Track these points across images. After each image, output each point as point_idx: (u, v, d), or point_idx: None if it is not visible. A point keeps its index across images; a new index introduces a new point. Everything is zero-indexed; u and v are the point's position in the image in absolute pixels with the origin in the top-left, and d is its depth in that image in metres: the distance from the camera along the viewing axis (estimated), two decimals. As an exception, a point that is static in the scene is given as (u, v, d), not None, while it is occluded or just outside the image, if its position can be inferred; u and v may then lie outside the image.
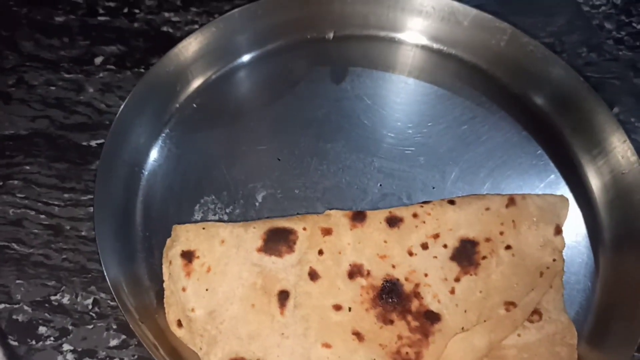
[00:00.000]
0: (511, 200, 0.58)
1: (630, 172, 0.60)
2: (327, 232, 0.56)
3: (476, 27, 0.68)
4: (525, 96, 0.68)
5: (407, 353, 0.50)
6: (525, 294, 0.53)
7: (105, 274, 0.53)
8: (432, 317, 0.52)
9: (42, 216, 0.61)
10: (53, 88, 0.70)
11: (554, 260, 0.55)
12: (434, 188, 0.63)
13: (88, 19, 0.75)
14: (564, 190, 0.63)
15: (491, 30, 0.68)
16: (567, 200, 0.59)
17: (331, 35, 0.71)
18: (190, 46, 0.66)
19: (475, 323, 0.52)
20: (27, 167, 0.64)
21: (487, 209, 0.57)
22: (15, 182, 0.63)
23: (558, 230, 0.57)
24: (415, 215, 0.56)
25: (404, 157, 0.64)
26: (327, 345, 0.51)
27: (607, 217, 0.61)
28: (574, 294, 0.57)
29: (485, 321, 0.52)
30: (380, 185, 0.63)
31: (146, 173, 0.62)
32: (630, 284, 0.56)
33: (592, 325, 0.56)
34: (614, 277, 0.58)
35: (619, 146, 0.61)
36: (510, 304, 0.53)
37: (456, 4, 0.68)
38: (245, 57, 0.70)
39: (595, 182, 0.63)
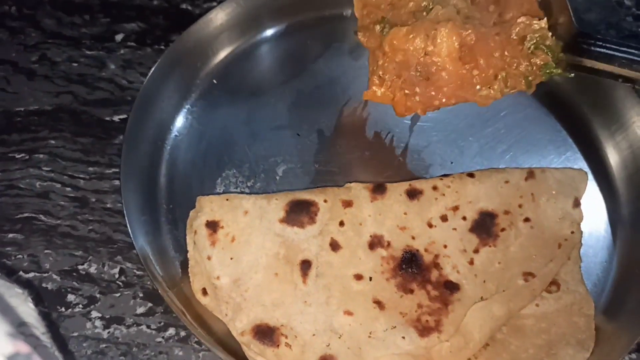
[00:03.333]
0: (530, 174, 0.58)
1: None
2: (347, 204, 0.57)
3: (495, 3, 0.68)
4: (544, 73, 0.68)
5: (427, 321, 0.51)
6: (544, 265, 0.54)
7: (135, 244, 0.54)
8: (451, 287, 0.53)
9: (68, 189, 0.63)
10: (75, 64, 0.71)
11: (572, 232, 0.56)
12: (452, 163, 0.63)
13: (108, -4, 0.76)
14: (582, 165, 0.63)
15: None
16: (585, 174, 0.60)
17: (349, 12, 0.71)
18: (210, 23, 0.67)
19: (494, 293, 0.53)
20: (52, 142, 0.65)
21: (507, 182, 0.58)
22: (41, 155, 0.65)
23: (577, 203, 0.57)
24: (435, 188, 0.57)
25: (422, 132, 0.65)
26: (348, 313, 0.52)
27: (625, 192, 0.61)
28: (591, 267, 0.58)
29: (504, 291, 0.53)
30: (400, 159, 0.63)
31: (169, 147, 0.64)
32: (647, 257, 0.57)
33: (608, 297, 0.57)
34: (631, 250, 0.58)
35: (638, 121, 0.61)
36: (528, 275, 0.54)
37: None
38: (264, 34, 0.70)
39: (613, 157, 0.63)
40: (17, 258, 0.59)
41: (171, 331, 0.56)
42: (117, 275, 0.58)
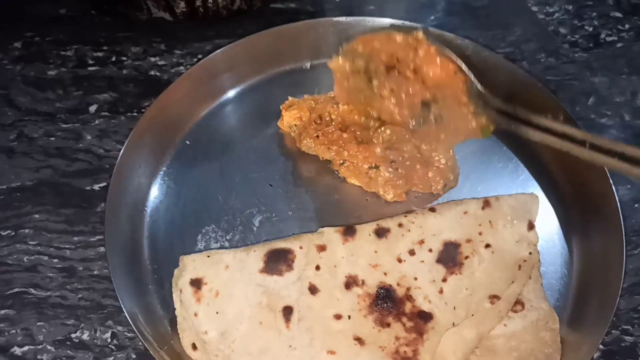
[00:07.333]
0: (486, 203, 0.63)
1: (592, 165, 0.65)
2: (321, 248, 0.60)
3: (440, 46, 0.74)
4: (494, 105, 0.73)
5: (405, 352, 0.55)
6: (507, 287, 0.59)
7: (123, 308, 0.57)
8: (424, 317, 0.57)
9: (55, 260, 0.65)
10: (52, 139, 0.74)
11: (530, 253, 0.61)
12: (416, 198, 0.68)
13: (79, 70, 0.80)
14: (534, 188, 0.68)
15: (454, 48, 0.73)
16: (536, 197, 0.65)
17: (308, 65, 0.77)
18: (179, 88, 0.71)
19: (464, 318, 0.57)
20: (36, 216, 0.68)
21: (465, 212, 0.62)
22: (26, 230, 0.67)
23: (531, 226, 0.62)
24: (400, 225, 0.62)
25: (385, 171, 0.69)
26: (331, 352, 0.55)
27: (575, 206, 0.66)
28: (552, 283, 0.62)
29: (473, 315, 0.57)
30: (367, 199, 0.68)
31: (149, 210, 0.67)
32: (601, 266, 0.61)
33: (571, 309, 0.61)
34: (587, 262, 0.63)
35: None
36: (494, 297, 0.58)
37: (418, 26, 0.74)
38: (231, 93, 0.75)
39: (561, 177, 0.68)
40: (11, 333, 0.61)
41: (166, 388, 0.58)
42: (109, 340, 0.61)
